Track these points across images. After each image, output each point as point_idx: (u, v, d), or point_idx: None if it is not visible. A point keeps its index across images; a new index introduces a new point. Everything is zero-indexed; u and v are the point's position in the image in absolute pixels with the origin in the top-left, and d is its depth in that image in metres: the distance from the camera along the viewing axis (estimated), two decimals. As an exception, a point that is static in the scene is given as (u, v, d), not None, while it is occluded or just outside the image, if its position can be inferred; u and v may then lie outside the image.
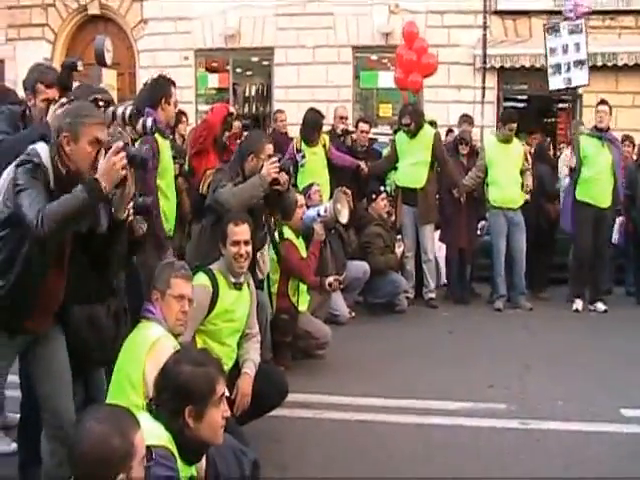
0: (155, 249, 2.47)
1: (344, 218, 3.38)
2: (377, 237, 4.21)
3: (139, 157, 1.57)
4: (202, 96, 7.75)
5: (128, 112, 1.92)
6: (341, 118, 4.83)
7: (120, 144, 1.49)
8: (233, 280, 2.21)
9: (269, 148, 2.59)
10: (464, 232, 4.59)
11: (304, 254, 3.26)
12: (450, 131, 5.59)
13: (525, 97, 6.80)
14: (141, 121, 2.17)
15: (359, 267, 4.05)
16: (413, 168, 4.40)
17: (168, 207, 2.65)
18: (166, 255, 2.53)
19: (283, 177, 2.57)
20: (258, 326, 2.38)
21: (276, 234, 3.06)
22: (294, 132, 4.68)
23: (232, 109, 3.75)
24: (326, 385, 2.82)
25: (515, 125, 4.25)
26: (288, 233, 3.22)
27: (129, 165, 1.50)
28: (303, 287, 3.27)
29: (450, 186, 4.55)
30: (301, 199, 3.26)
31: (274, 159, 2.54)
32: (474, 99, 6.81)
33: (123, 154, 1.47)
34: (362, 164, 4.52)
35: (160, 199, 2.55)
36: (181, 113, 4.52)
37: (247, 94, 7.66)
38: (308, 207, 3.42)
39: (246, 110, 7.72)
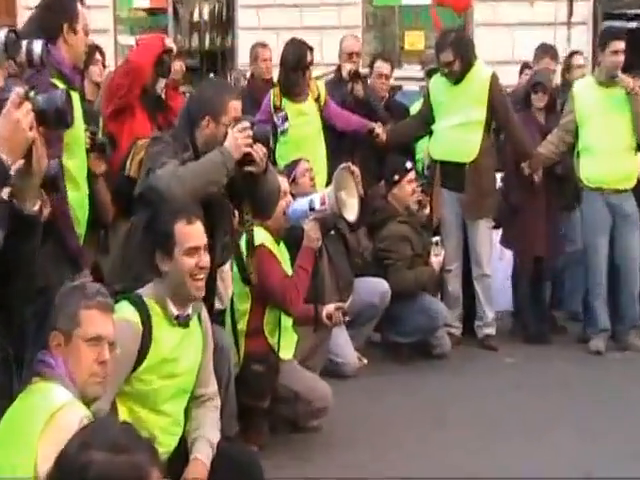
0: (63, 267, 2.50)
1: (351, 213, 3.30)
2: (402, 241, 4.30)
3: (54, 108, 1.41)
4: (124, 22, 7.28)
5: (2, 38, 1.78)
6: (349, 55, 4.74)
7: (20, 91, 1.35)
8: (176, 312, 2.23)
9: (235, 107, 2.53)
10: (541, 231, 4.66)
11: (288, 269, 3.32)
12: (525, 67, 5.33)
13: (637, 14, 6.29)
14: (24, 46, 2.03)
15: (374, 288, 4.15)
16: (459, 132, 4.42)
17: (78, 201, 2.64)
18: (81, 277, 2.58)
19: (259, 151, 2.51)
20: (217, 383, 2.44)
21: (243, 240, 3.00)
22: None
23: (170, 43, 3.64)
24: (324, 472, 2.88)
25: (623, 46, 4.13)
26: (263, 237, 3.22)
27: (38, 123, 1.33)
28: (287, 321, 3.31)
29: (518, 158, 4.59)
30: (283, 184, 3.23)
31: (244, 124, 2.46)
32: (555, 19, 6.28)
33: (28, 106, 1.34)
34: (378, 127, 4.58)
35: (67, 188, 2.54)
36: (94, 49, 4.19)
37: (196, 18, 7.22)
38: (294, 197, 3.44)
39: (194, 44, 7.31)
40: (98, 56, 4.24)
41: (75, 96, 2.36)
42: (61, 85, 2.35)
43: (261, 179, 2.58)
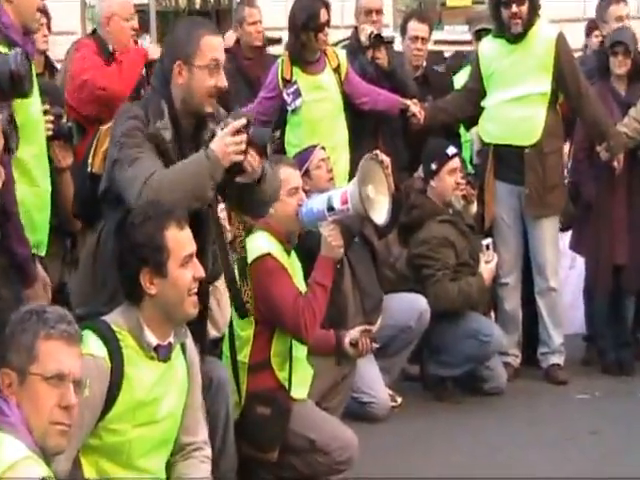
0: (11, 282, 2.51)
1: (380, 213, 3.32)
2: (443, 245, 4.32)
3: (7, 70, 1.48)
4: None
5: None
6: (368, 13, 4.75)
7: None
8: (154, 342, 2.25)
9: (211, 44, 2.45)
10: (622, 233, 4.60)
11: (302, 286, 3.37)
12: (593, 28, 5.28)
13: None
14: None
15: (409, 307, 4.18)
16: (517, 108, 4.42)
17: (34, 199, 2.64)
18: (35, 295, 2.58)
19: (253, 162, 2.50)
20: (211, 429, 2.52)
21: (237, 250, 3.17)
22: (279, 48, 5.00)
23: (153, 52, 3.81)
24: None
25: None
26: (269, 245, 3.30)
27: None
28: (301, 351, 3.36)
29: (593, 140, 4.56)
30: (294, 179, 3.37)
31: (239, 123, 2.43)
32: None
33: None
34: (414, 105, 4.59)
35: (19, 186, 2.51)
36: (40, 12, 3.93)
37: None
38: (308, 194, 3.49)
39: (182, 3, 7.60)
40: (42, 19, 4.23)
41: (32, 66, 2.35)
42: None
43: (254, 189, 2.59)
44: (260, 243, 3.28)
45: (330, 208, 3.26)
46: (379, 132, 4.68)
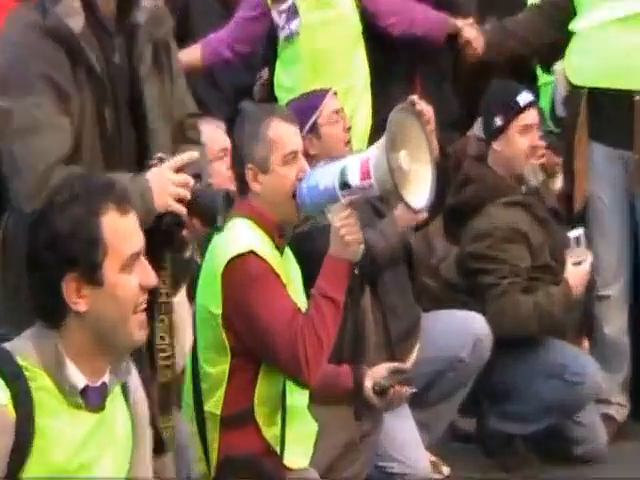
0: None
1: (418, 193, 3.30)
2: (513, 242, 4.34)
3: None
4: None
5: None
6: None
7: None
8: (81, 383, 2.23)
9: None
10: None
11: (301, 299, 3.38)
12: None
13: None
14: None
15: (460, 330, 4.20)
16: (626, 33, 4.45)
17: None
18: None
19: (187, 235, 2.92)
20: None
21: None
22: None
23: None
24: None
25: None
26: (249, 238, 3.32)
27: None
28: (300, 398, 3.36)
29: None
30: (293, 140, 3.38)
31: (187, 156, 2.81)
32: None
33: None
34: (467, 27, 4.68)
35: None
36: None
37: None
38: (312, 163, 3.58)
39: None
40: None
41: None
42: None
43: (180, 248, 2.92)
44: (238, 236, 3.29)
45: (344, 184, 3.25)
46: (416, 71, 4.69)
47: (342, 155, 3.65)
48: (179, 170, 2.80)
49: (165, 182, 2.76)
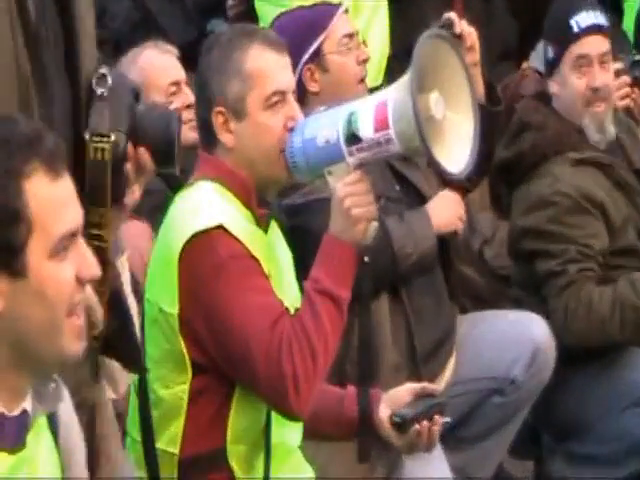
0: None
1: (456, 153, 3.36)
2: (584, 213, 4.42)
3: None
4: None
5: None
6: None
7: None
8: None
9: None
10: None
11: (291, 297, 3.46)
12: None
13: None
14: None
15: (511, 339, 4.31)
16: None
17: None
18: None
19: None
20: None
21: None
22: None
23: None
24: None
25: None
26: (218, 207, 3.38)
27: None
28: (287, 432, 3.42)
29: None
30: (274, 68, 3.43)
31: None
32: None
33: None
34: None
35: None
36: None
37: None
38: (309, 109, 3.65)
39: None
40: None
41: None
42: None
43: None
44: (201, 205, 3.35)
45: (352, 137, 3.30)
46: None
47: (353, 97, 3.69)
48: None
49: None
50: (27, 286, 2.23)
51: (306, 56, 3.98)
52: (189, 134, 3.81)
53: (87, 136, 2.89)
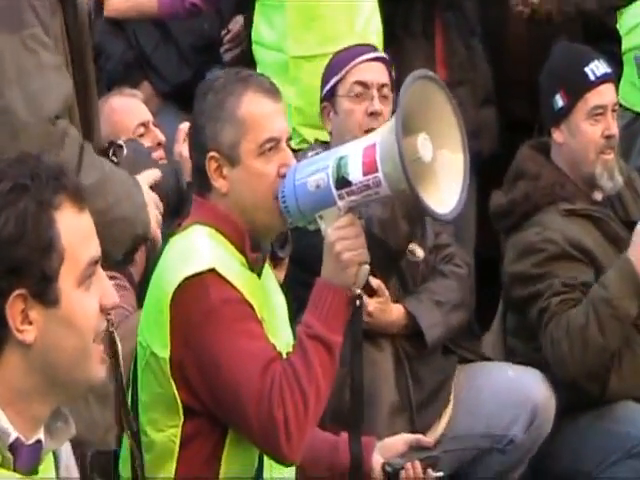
0: None
1: (444, 194, 3.33)
2: (570, 260, 4.43)
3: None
4: None
5: None
6: None
7: None
8: (11, 435, 2.25)
9: None
10: None
11: (284, 342, 3.45)
12: None
13: None
14: None
15: (507, 396, 4.29)
16: None
17: None
18: None
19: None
20: None
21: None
22: None
23: None
24: None
25: None
26: (210, 252, 3.38)
27: None
28: (277, 473, 3.40)
29: None
30: (270, 114, 3.44)
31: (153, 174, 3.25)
32: None
33: None
34: None
35: None
36: None
37: None
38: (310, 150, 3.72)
39: None
40: None
41: None
42: None
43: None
44: (194, 249, 3.36)
45: (341, 180, 3.30)
46: (435, 22, 4.86)
47: (343, 139, 3.72)
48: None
49: (150, 198, 3.05)
50: (58, 315, 2.25)
51: (323, 93, 4.02)
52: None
53: None
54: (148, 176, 3.20)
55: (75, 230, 2.30)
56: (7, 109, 2.83)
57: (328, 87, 4.12)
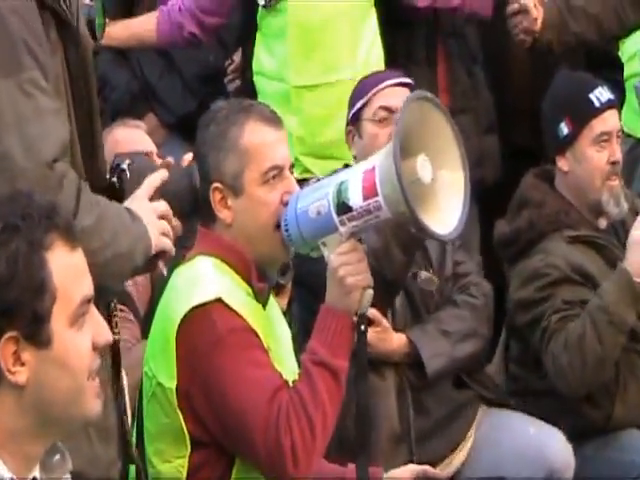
0: None
1: (444, 216, 3.30)
2: (571, 282, 4.44)
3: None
4: None
5: None
6: None
7: None
8: (5, 476, 2.23)
9: None
10: None
11: (290, 370, 3.45)
12: None
13: None
14: None
15: (523, 453, 4.28)
16: None
17: None
18: None
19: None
20: None
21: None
22: None
23: None
24: None
25: None
26: (216, 282, 3.37)
27: None
28: None
29: None
30: (272, 143, 3.44)
31: (154, 181, 3.13)
32: None
33: None
34: None
35: None
36: None
37: None
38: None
39: None
40: None
41: None
42: None
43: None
44: (200, 279, 3.36)
45: (342, 206, 3.29)
46: (437, 49, 4.85)
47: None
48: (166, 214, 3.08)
49: (150, 215, 3.03)
50: (51, 356, 2.23)
51: (348, 117, 4.06)
52: None
53: None
54: (154, 179, 3.15)
55: (67, 269, 2.29)
56: (6, 155, 2.85)
57: (353, 111, 4.17)
